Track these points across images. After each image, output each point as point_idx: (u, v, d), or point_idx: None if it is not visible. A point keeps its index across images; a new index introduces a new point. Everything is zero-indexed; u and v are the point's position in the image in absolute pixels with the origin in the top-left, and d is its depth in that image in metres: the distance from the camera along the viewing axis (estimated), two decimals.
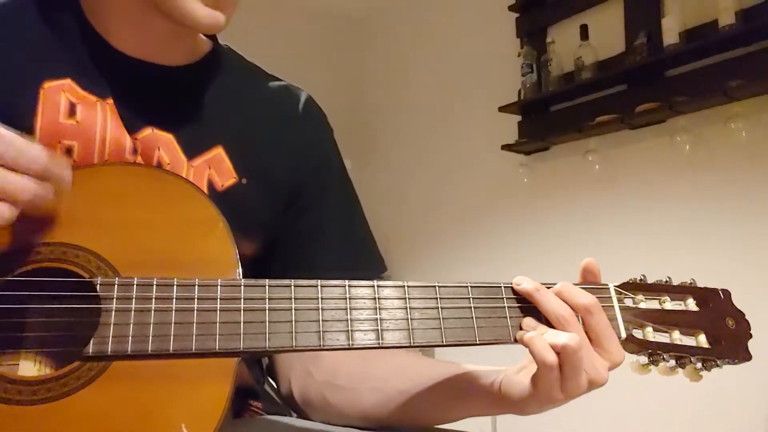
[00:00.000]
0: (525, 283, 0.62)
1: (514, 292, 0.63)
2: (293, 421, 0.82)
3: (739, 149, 2.12)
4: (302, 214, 0.80)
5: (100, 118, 0.68)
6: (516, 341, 0.61)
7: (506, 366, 0.66)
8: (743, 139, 2.10)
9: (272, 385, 0.90)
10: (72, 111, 0.67)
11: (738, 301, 0.69)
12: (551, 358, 0.57)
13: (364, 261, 0.83)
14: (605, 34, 2.51)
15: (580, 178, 2.60)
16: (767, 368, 1.82)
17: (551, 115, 2.72)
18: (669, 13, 2.25)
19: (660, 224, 2.32)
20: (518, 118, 2.83)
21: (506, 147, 2.79)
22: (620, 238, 2.43)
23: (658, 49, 2.25)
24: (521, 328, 0.61)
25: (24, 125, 0.64)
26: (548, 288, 0.63)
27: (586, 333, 0.60)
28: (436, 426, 0.71)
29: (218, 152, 0.73)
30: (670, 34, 2.21)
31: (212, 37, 0.81)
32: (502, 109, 2.78)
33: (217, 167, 0.73)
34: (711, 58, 2.18)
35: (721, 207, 2.16)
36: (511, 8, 2.85)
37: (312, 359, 0.76)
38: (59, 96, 0.67)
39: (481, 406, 0.66)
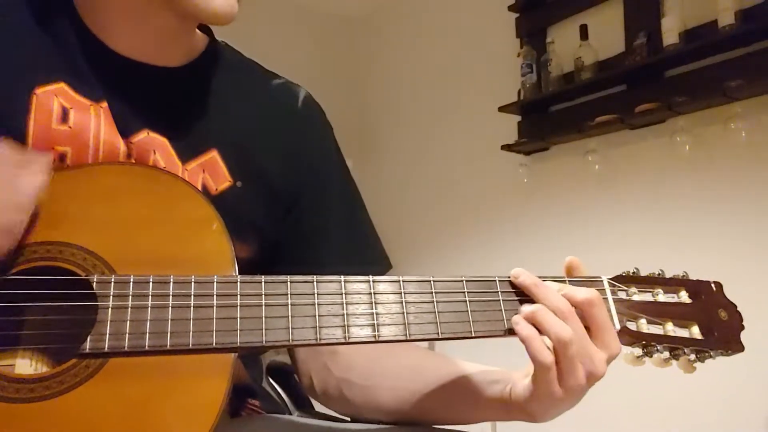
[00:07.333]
0: (523, 277, 0.62)
1: (511, 285, 0.63)
2: (292, 419, 0.82)
3: (738, 149, 2.12)
4: (304, 215, 0.79)
5: (94, 123, 0.67)
6: (510, 333, 0.60)
7: (508, 359, 0.65)
8: (743, 139, 2.10)
9: (271, 384, 0.91)
10: (65, 116, 0.66)
11: (738, 302, 0.68)
12: (548, 357, 0.58)
13: (369, 259, 0.83)
14: (605, 34, 2.51)
15: (580, 178, 2.60)
16: (767, 368, 1.83)
17: (551, 116, 2.72)
18: (669, 13, 2.24)
19: (660, 224, 2.32)
20: (518, 118, 2.83)
21: (506, 147, 2.78)
22: (620, 237, 2.43)
23: (657, 50, 2.25)
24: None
25: (16, 132, 0.63)
26: (544, 280, 0.63)
27: (588, 326, 0.60)
28: (438, 426, 0.71)
29: (212, 156, 0.72)
30: (670, 34, 2.21)
31: (208, 34, 0.81)
32: (501, 109, 2.78)
33: (211, 171, 0.72)
34: (711, 58, 2.18)
35: (721, 207, 2.16)
36: (510, 8, 2.85)
37: (329, 355, 0.77)
38: (51, 101, 0.66)
39: (493, 412, 0.67)
